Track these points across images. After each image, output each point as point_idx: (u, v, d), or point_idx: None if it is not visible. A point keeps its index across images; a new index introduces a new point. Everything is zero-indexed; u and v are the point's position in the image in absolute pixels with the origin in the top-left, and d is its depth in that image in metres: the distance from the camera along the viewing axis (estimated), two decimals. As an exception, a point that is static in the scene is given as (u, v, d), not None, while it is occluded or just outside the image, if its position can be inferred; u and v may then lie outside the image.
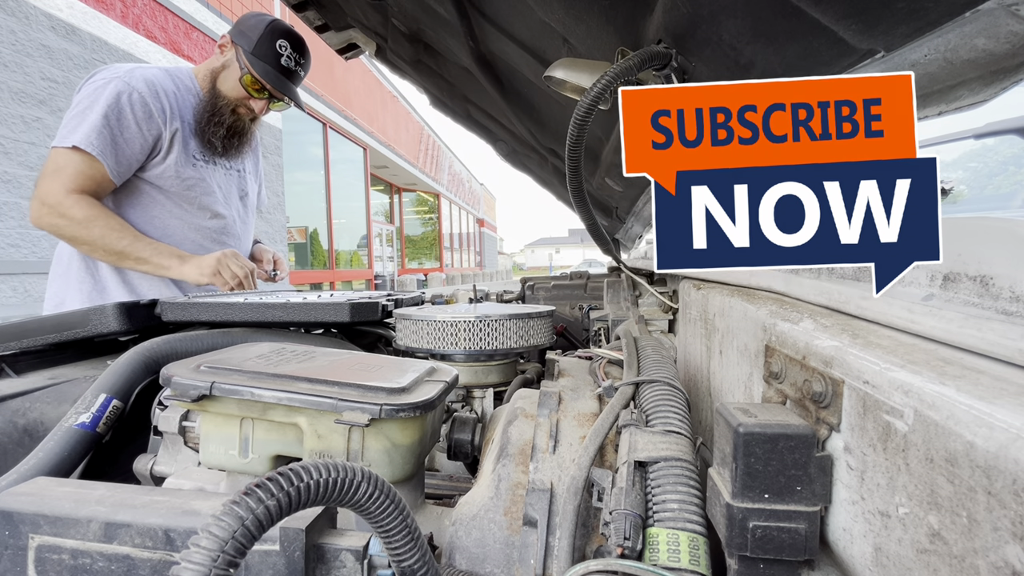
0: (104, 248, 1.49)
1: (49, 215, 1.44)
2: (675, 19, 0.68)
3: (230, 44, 1.60)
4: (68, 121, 1.47)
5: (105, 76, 1.50)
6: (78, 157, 1.44)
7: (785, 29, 0.56)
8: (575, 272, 1.81)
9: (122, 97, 1.47)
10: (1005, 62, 0.45)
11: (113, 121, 1.46)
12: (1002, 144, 2.23)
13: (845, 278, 0.47)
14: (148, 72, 1.55)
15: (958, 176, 2.33)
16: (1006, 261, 0.33)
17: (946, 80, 0.50)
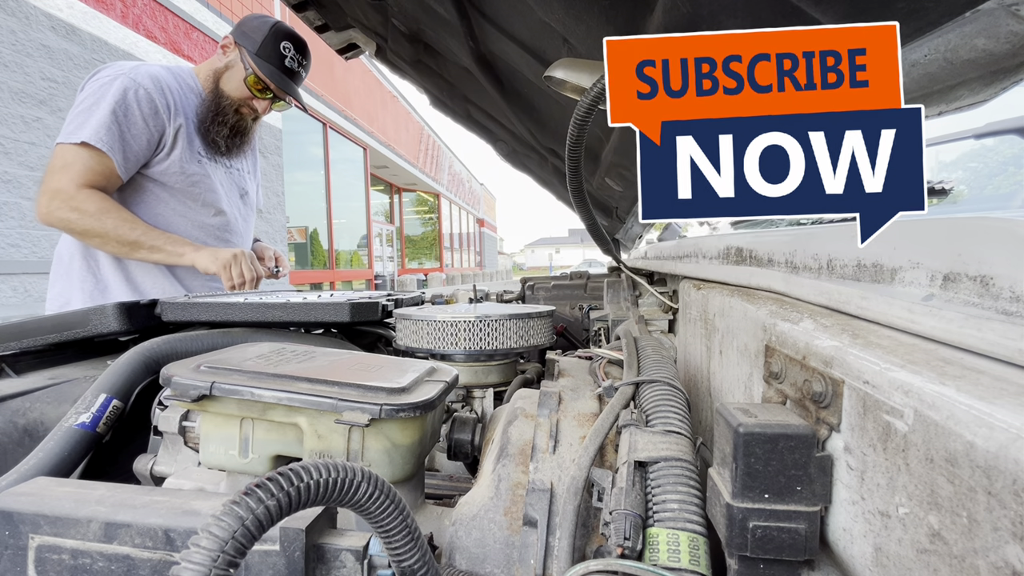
0: (117, 239, 1.48)
1: (60, 209, 1.44)
2: (675, 19, 0.68)
3: (233, 45, 1.62)
4: (74, 117, 1.47)
5: (110, 73, 1.51)
6: (87, 153, 1.44)
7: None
8: (575, 272, 1.81)
9: (128, 93, 1.48)
10: (1005, 62, 0.45)
11: (121, 117, 1.46)
12: (1002, 144, 2.23)
13: (845, 278, 0.47)
14: (151, 69, 1.56)
15: (958, 176, 2.33)
16: (1006, 261, 0.33)
17: (946, 80, 0.50)
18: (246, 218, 1.88)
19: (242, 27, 1.62)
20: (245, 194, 1.88)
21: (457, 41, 1.46)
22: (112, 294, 1.59)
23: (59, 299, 1.61)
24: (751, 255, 0.70)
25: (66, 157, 1.44)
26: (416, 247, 21.20)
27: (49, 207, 1.45)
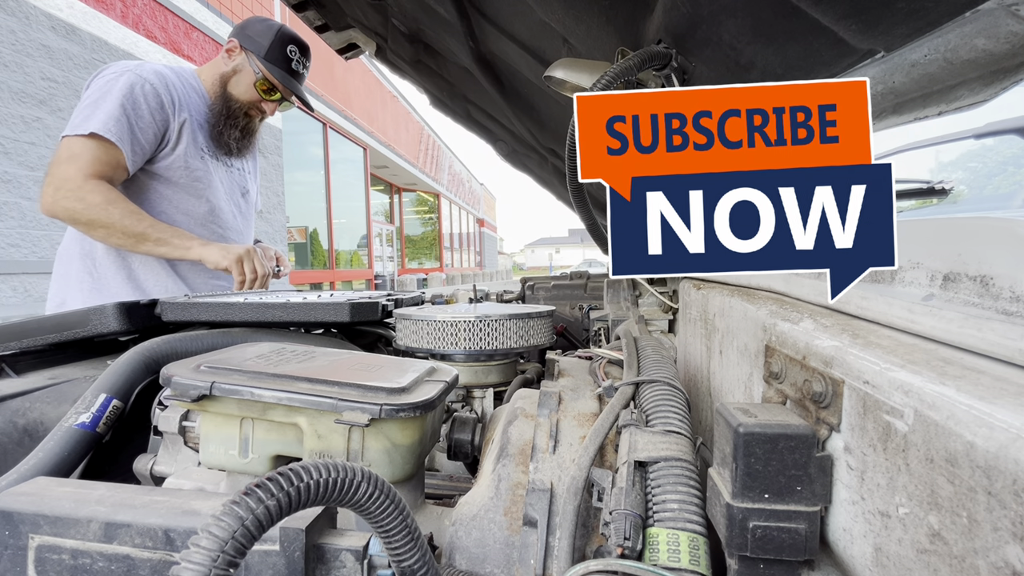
0: (123, 231, 1.47)
1: (66, 199, 1.42)
2: (675, 19, 0.68)
3: (239, 49, 1.64)
4: (81, 111, 1.47)
5: (115, 70, 1.52)
6: (95, 144, 1.43)
7: (785, 29, 0.56)
8: (575, 272, 1.81)
9: (135, 87, 1.49)
10: (1005, 62, 0.45)
11: (129, 110, 1.47)
12: (1002, 144, 2.23)
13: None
14: (155, 66, 1.59)
15: (958, 176, 2.33)
16: (1006, 261, 0.33)
17: (946, 80, 0.50)
18: (247, 217, 1.89)
19: (246, 31, 1.65)
20: (246, 193, 1.89)
21: (457, 41, 1.46)
22: (111, 292, 1.59)
23: (55, 299, 1.61)
24: (751, 255, 0.70)
25: (73, 148, 1.43)
26: (416, 247, 21.20)
27: (55, 196, 1.43)
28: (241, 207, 1.85)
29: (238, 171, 1.84)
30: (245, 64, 1.64)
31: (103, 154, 1.45)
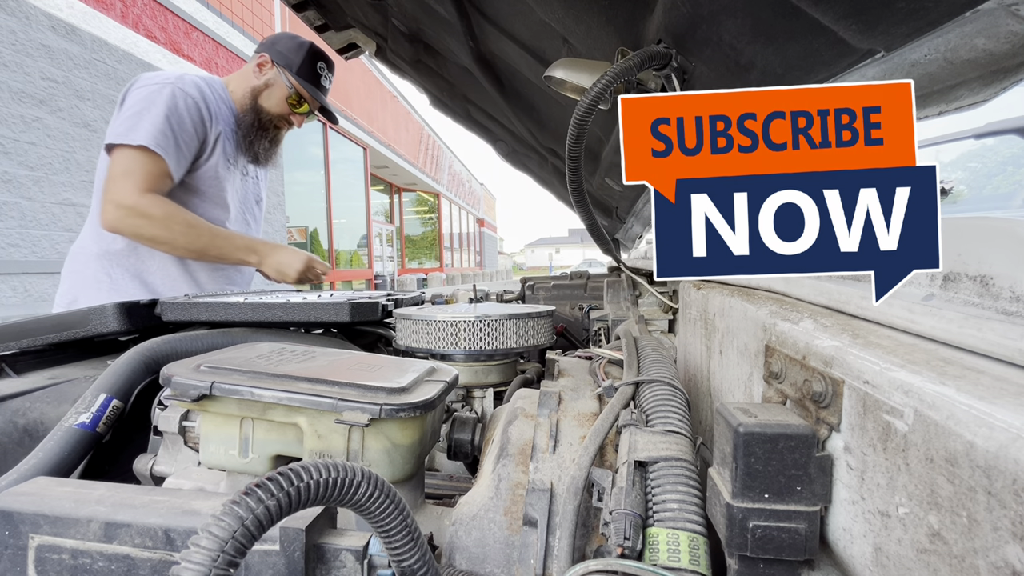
0: (186, 246, 1.56)
1: (129, 216, 1.48)
2: (675, 19, 0.68)
3: (270, 64, 1.72)
4: (125, 120, 1.50)
5: (157, 80, 1.56)
6: (144, 156, 1.48)
7: (785, 29, 0.56)
8: (575, 272, 1.81)
9: (178, 100, 1.54)
10: (1005, 62, 0.45)
11: (174, 123, 1.52)
12: (1002, 144, 2.23)
13: (845, 278, 0.47)
14: (193, 78, 1.65)
15: (958, 176, 2.33)
16: (1006, 261, 0.33)
17: (946, 80, 0.50)
18: (258, 223, 1.98)
19: (277, 47, 1.73)
20: (260, 200, 1.97)
21: (457, 41, 1.46)
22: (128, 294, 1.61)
23: (67, 296, 1.64)
24: (751, 255, 0.70)
25: (125, 163, 1.48)
26: (416, 247, 21.20)
27: (116, 215, 1.49)
28: (255, 214, 1.94)
29: (253, 179, 1.91)
30: (277, 78, 1.72)
31: (153, 167, 1.50)
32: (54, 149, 4.81)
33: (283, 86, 1.72)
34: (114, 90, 5.40)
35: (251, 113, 1.73)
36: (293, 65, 1.71)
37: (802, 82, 0.59)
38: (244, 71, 1.75)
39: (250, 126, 1.73)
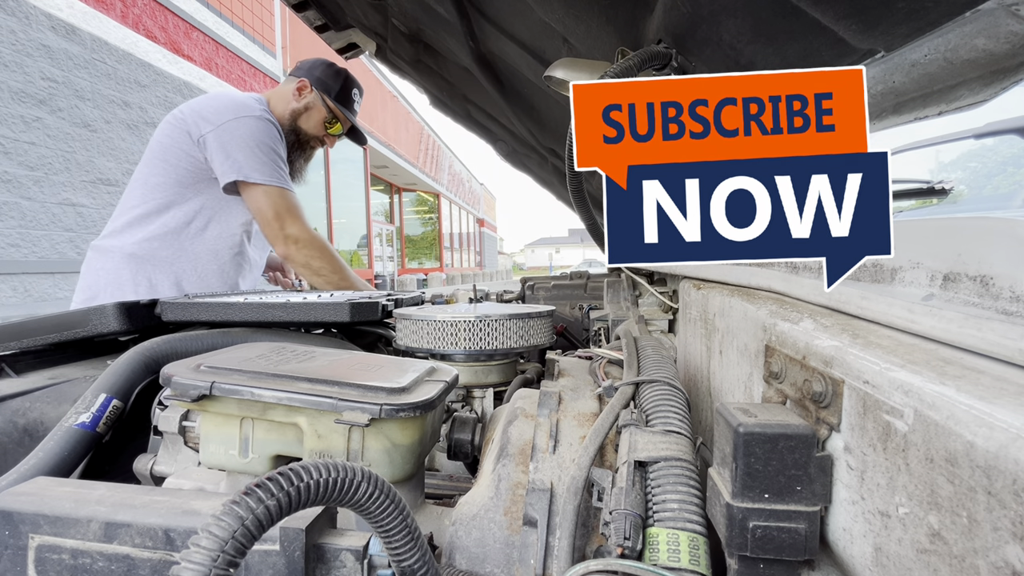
0: (337, 284, 1.73)
1: (305, 248, 1.69)
2: (675, 19, 0.68)
3: (309, 89, 1.84)
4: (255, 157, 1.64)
5: (256, 113, 1.69)
6: (291, 195, 1.70)
7: (785, 29, 0.56)
8: (575, 272, 1.81)
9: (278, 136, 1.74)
10: (1005, 62, 0.45)
11: (281, 160, 1.73)
12: (1002, 144, 2.23)
13: (845, 278, 0.47)
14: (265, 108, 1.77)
15: (958, 176, 2.33)
16: (1006, 261, 0.33)
17: (946, 80, 0.50)
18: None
19: (315, 73, 1.84)
20: None
21: (457, 41, 1.46)
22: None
23: (88, 291, 1.67)
24: (751, 255, 0.70)
25: (285, 201, 1.68)
26: (416, 247, 21.20)
27: (295, 247, 1.69)
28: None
29: None
30: (317, 102, 1.84)
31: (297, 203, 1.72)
32: (54, 149, 4.81)
33: (321, 109, 1.84)
34: (114, 90, 5.40)
35: (291, 133, 1.85)
36: (332, 90, 1.84)
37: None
38: (282, 93, 1.85)
39: (291, 145, 1.85)
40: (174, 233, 1.67)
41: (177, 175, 1.66)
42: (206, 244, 1.72)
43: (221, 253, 1.76)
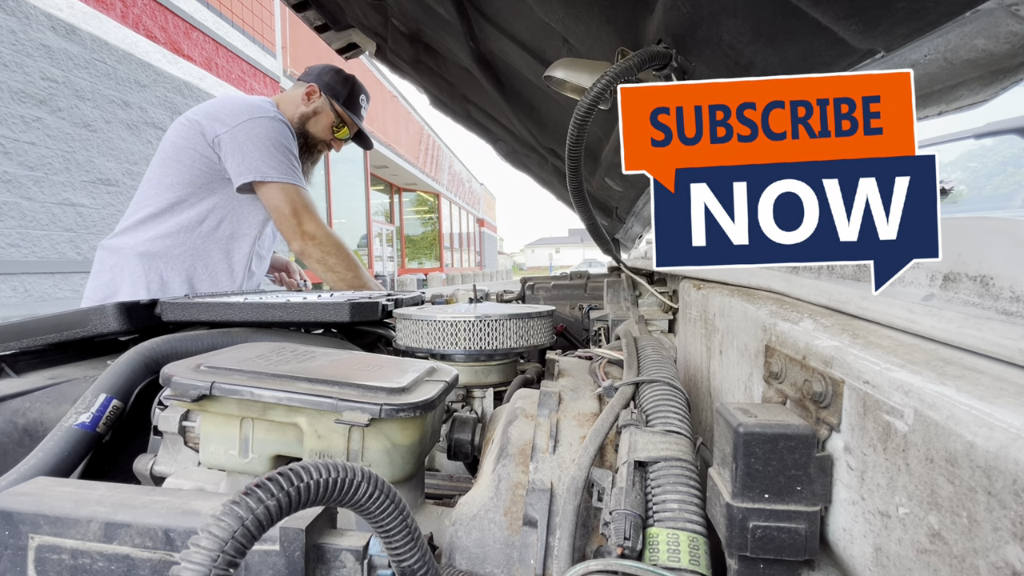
0: (350, 282, 1.75)
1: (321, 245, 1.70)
2: (675, 19, 0.68)
3: (318, 94, 1.88)
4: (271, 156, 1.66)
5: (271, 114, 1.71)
6: (305, 193, 1.73)
7: (785, 29, 0.56)
8: (575, 272, 1.81)
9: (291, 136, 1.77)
10: (1005, 62, 0.45)
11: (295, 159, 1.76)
12: (1002, 144, 2.23)
13: (845, 278, 0.47)
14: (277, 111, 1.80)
15: (958, 176, 2.32)
16: (1006, 261, 0.33)
17: (946, 80, 0.50)
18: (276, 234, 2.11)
19: (324, 78, 1.88)
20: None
21: (457, 41, 1.46)
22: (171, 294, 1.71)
23: (105, 289, 1.69)
24: (751, 255, 0.70)
25: (300, 199, 1.70)
26: (416, 247, 21.20)
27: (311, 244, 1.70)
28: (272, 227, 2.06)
29: None
30: (325, 107, 1.89)
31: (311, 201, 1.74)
32: (54, 149, 4.81)
33: (329, 114, 1.90)
34: (114, 90, 5.40)
35: (300, 137, 1.88)
36: (340, 96, 1.89)
37: (802, 82, 0.59)
38: (291, 97, 1.89)
39: (299, 148, 1.88)
40: (187, 231, 1.70)
41: (191, 175, 1.68)
42: (218, 243, 1.75)
43: (233, 253, 1.79)
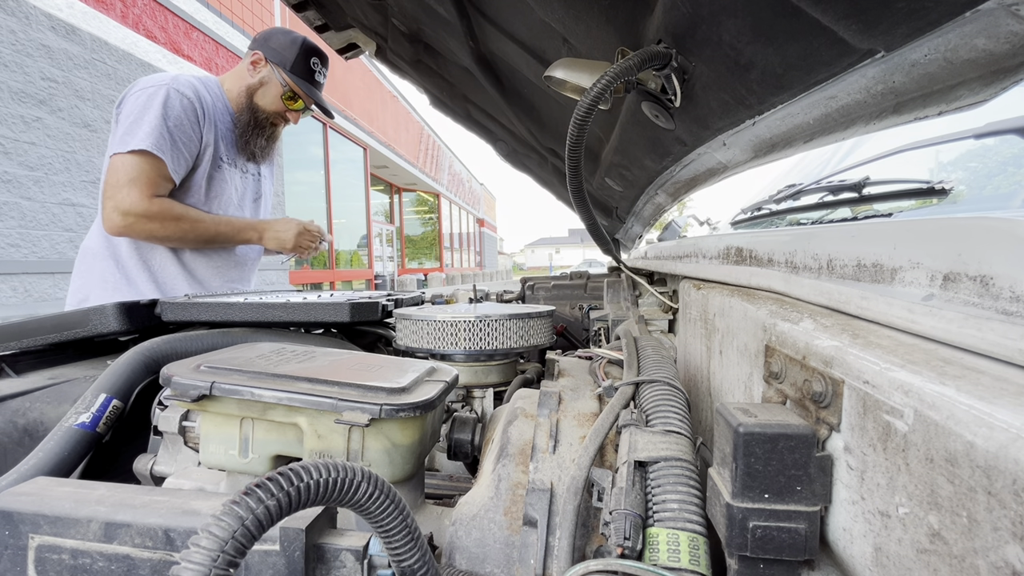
0: (196, 240, 1.63)
1: (139, 223, 1.53)
2: (675, 19, 0.68)
3: (264, 62, 1.72)
4: (126, 128, 1.51)
5: (151, 83, 1.56)
6: (144, 161, 1.50)
7: (785, 29, 0.56)
8: (575, 272, 1.81)
9: (174, 101, 1.54)
10: (1005, 62, 0.45)
11: (171, 124, 1.53)
12: (1002, 144, 2.22)
13: (845, 278, 0.47)
14: (188, 79, 1.65)
15: (958, 176, 2.32)
16: (1006, 261, 0.33)
17: (946, 80, 0.50)
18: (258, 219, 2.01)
19: (270, 43, 1.73)
20: (258, 198, 1.99)
21: (457, 41, 1.46)
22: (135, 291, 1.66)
23: (78, 294, 1.67)
24: (751, 255, 0.70)
25: (128, 169, 1.49)
26: (416, 247, 21.19)
27: (125, 222, 1.52)
28: (252, 213, 1.96)
29: (252, 176, 1.92)
30: (271, 76, 1.72)
31: (154, 171, 1.52)
32: (54, 149, 4.81)
33: (277, 83, 1.72)
34: (114, 90, 5.40)
35: (247, 112, 1.74)
36: (287, 62, 1.71)
37: (802, 82, 0.59)
38: (238, 69, 1.76)
39: (247, 124, 1.74)
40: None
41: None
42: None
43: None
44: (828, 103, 0.63)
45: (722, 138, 0.85)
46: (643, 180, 1.35)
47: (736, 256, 0.75)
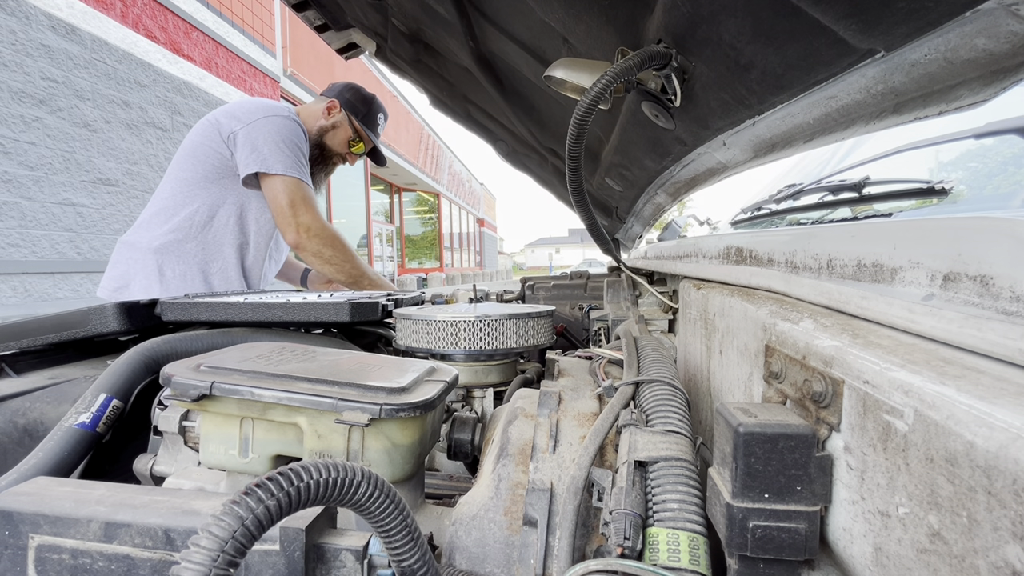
0: (349, 273, 1.80)
1: (317, 238, 1.73)
2: (675, 19, 0.68)
3: (339, 109, 1.97)
4: (280, 151, 1.71)
5: (284, 114, 1.78)
6: (308, 188, 1.76)
7: (785, 29, 0.56)
8: (575, 272, 1.81)
9: (303, 137, 1.81)
10: (1005, 62, 0.45)
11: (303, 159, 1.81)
12: (1002, 144, 2.22)
13: (845, 278, 0.47)
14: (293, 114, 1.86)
15: (958, 176, 2.32)
16: (1006, 261, 0.33)
17: (946, 80, 0.50)
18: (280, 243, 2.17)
19: (345, 95, 1.98)
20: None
21: (457, 41, 1.46)
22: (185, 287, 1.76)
23: (119, 280, 1.75)
24: (751, 255, 0.70)
25: (301, 192, 1.73)
26: (416, 247, 21.19)
27: (306, 236, 1.73)
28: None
29: None
30: (344, 122, 1.97)
31: (313, 197, 1.79)
32: (54, 149, 4.80)
33: (347, 128, 1.97)
34: (114, 90, 5.40)
35: (316, 148, 1.96)
36: (359, 113, 1.98)
37: (802, 82, 0.59)
38: (312, 110, 1.97)
39: (315, 159, 1.96)
40: (197, 227, 1.75)
41: (204, 171, 1.74)
42: (230, 241, 1.80)
43: (246, 251, 1.84)
44: (828, 103, 0.63)
45: (722, 138, 0.85)
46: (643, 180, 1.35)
47: (736, 256, 0.75)
